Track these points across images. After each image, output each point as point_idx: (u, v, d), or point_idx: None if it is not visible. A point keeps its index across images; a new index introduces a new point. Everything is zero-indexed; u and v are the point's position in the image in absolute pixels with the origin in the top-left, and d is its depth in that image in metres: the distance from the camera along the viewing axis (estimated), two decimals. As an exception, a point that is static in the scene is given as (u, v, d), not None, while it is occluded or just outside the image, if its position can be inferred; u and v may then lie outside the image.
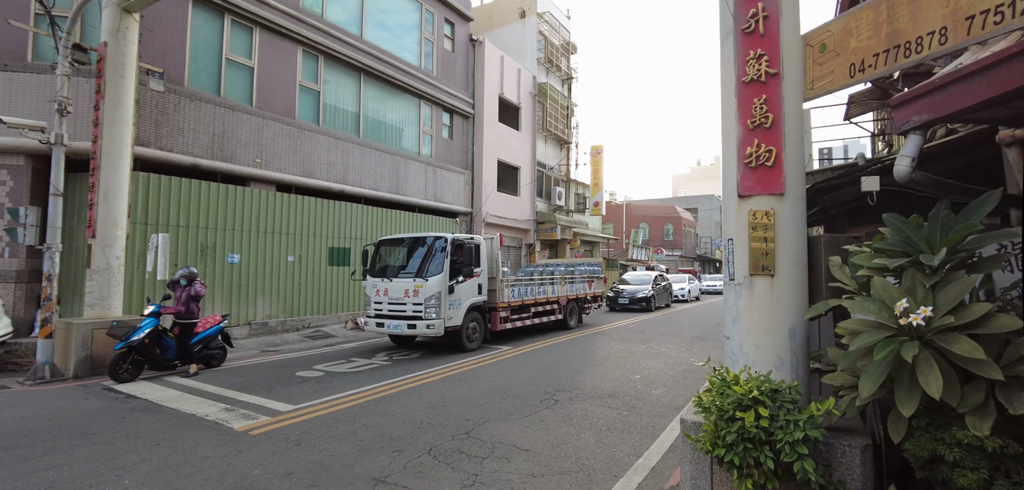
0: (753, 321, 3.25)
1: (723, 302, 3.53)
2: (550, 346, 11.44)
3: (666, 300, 24.23)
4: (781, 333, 3.18)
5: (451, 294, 10.00)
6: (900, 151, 2.90)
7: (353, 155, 15.50)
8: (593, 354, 10.53)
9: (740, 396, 2.72)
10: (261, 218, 12.86)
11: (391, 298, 10.18)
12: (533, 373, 8.59)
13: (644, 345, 11.79)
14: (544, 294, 13.03)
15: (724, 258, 3.47)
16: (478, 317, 10.77)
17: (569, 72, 27.66)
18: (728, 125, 3.46)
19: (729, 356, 3.42)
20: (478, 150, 20.58)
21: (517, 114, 23.27)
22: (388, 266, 10.88)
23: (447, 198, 19.18)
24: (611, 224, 41.25)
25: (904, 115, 2.84)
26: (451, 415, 6.19)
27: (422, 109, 18.42)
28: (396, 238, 11.33)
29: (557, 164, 26.55)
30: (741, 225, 3.32)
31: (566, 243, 26.31)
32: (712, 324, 16.63)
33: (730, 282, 3.41)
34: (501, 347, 11.08)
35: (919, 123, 2.77)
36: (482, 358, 9.87)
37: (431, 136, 18.85)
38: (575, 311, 14.73)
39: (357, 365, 9.21)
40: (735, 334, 3.35)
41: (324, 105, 14.91)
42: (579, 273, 15.35)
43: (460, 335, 10.30)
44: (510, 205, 22.32)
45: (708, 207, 69.91)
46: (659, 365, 9.47)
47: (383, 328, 10.25)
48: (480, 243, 10.95)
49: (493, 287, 11.28)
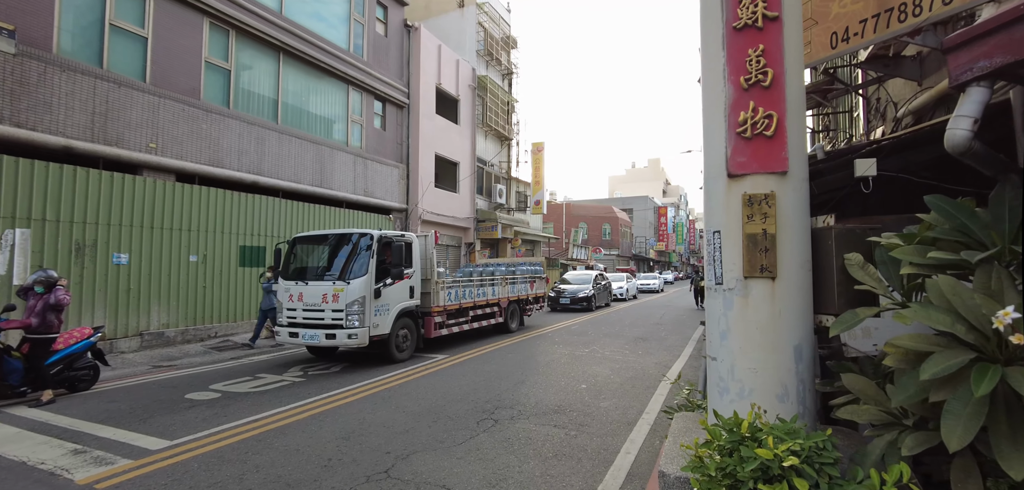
0: (749, 337, 2.51)
1: (707, 311, 2.77)
2: (490, 352, 10.55)
3: (606, 299, 24.04)
4: (785, 352, 2.45)
5: (378, 298, 8.87)
6: (956, 111, 2.25)
7: (270, 143, 13.90)
8: (535, 361, 9.74)
9: (766, 462, 1.91)
10: (157, 212, 11.11)
11: (307, 304, 8.91)
12: (470, 386, 7.66)
13: (588, 349, 11.15)
14: (484, 296, 12.13)
15: (707, 257, 2.71)
16: (410, 323, 9.69)
17: (510, 67, 26.93)
18: (712, 86, 2.70)
19: (714, 383, 2.65)
20: (414, 143, 19.36)
21: (456, 107, 22.22)
22: (305, 267, 9.58)
23: (379, 193, 17.84)
24: (551, 223, 41.02)
25: (964, 61, 2.17)
26: (369, 447, 5.15)
27: (351, 96, 16.99)
28: (314, 235, 10.02)
29: (498, 161, 25.73)
30: (732, 213, 2.57)
31: (507, 242, 25.56)
32: (651, 324, 16.38)
33: (716, 287, 2.65)
34: (436, 356, 10.06)
35: (987, 70, 2.10)
36: (413, 370, 8.82)
37: (361, 126, 17.45)
38: (516, 313, 13.94)
39: (264, 383, 7.89)
40: (724, 354, 2.60)
41: (236, 86, 13.23)
42: (521, 273, 14.58)
43: (388, 344, 9.19)
44: (449, 202, 21.25)
45: (643, 208, 71.83)
46: (605, 371, 8.82)
47: (297, 338, 8.95)
48: (412, 241, 9.87)
49: (427, 290, 10.24)
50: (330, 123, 16.30)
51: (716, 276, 2.63)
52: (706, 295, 2.76)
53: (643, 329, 14.95)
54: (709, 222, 2.71)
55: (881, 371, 2.75)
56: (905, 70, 5.01)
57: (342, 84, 16.63)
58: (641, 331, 14.42)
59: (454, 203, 21.70)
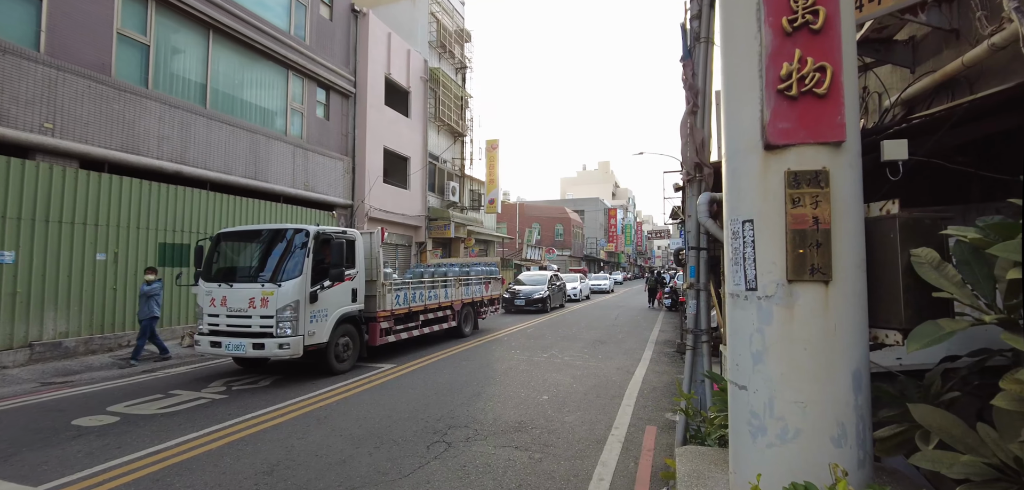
0: (795, 361, 1.90)
1: (730, 325, 2.13)
2: (442, 360, 9.73)
3: (561, 300, 23.65)
4: (841, 380, 1.87)
5: (314, 303, 7.88)
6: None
7: (197, 129, 12.47)
8: (492, 368, 9.02)
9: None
10: (54, 203, 9.58)
11: (231, 309, 7.80)
12: (420, 401, 6.84)
13: (546, 354, 10.54)
14: (435, 299, 11.28)
15: (731, 254, 2.08)
16: (352, 330, 8.73)
17: (463, 60, 26.08)
18: (739, 34, 2.08)
19: (744, 420, 2.03)
20: (361, 135, 18.19)
21: (407, 99, 21.16)
22: (230, 267, 8.44)
23: (322, 187, 16.58)
24: (505, 223, 40.43)
25: None
26: (296, 484, 4.26)
27: (292, 82, 15.67)
28: (241, 230, 8.87)
29: (451, 158, 24.83)
30: (770, 196, 1.95)
31: (461, 242, 24.70)
32: (607, 325, 16.03)
33: (745, 294, 2.03)
34: (382, 365, 9.14)
35: None
36: (355, 383, 7.89)
37: (302, 114, 16.15)
38: (471, 316, 13.16)
39: (176, 402, 6.76)
40: (759, 383, 1.97)
41: (156, 63, 11.75)
42: (475, 274, 13.82)
43: (327, 354, 8.20)
44: (398, 199, 20.17)
45: (594, 209, 72.64)
46: (566, 379, 8.21)
47: (220, 349, 7.82)
48: (355, 239, 8.91)
49: (372, 293, 9.29)
50: (267, 110, 14.94)
51: (746, 280, 2.01)
52: (729, 305, 2.14)
53: (600, 331, 14.53)
54: (735, 209, 2.09)
55: (932, 395, 2.21)
56: (897, 56, 4.67)
57: (281, 68, 15.30)
58: (598, 333, 13.98)
59: (404, 200, 20.64)
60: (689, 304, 4.36)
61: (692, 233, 4.34)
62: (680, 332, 12.15)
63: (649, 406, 6.74)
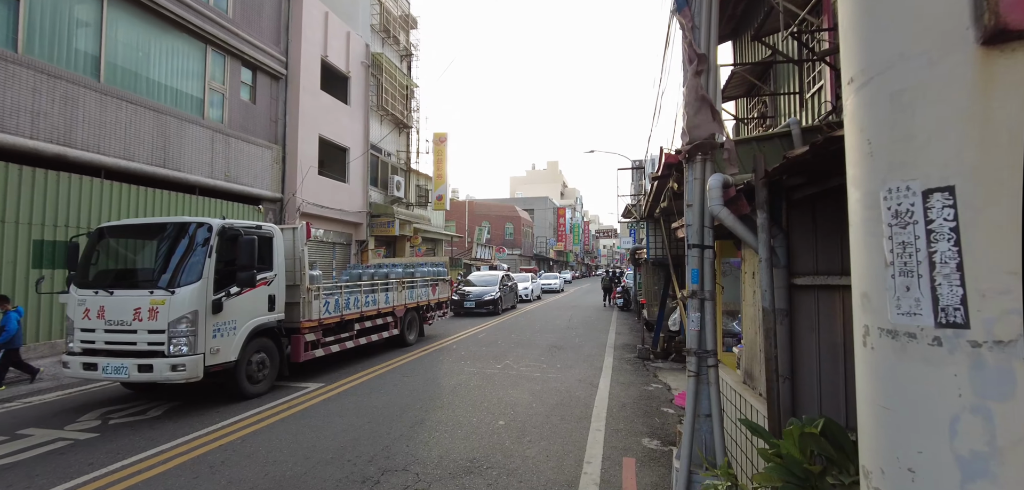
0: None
1: (883, 386, 1.11)
2: (381, 376, 8.46)
3: (513, 301, 22.73)
4: None
5: (218, 314, 6.44)
6: None
7: (86, 106, 10.53)
8: (439, 385, 7.85)
9: None
10: None
11: (111, 322, 6.24)
12: (349, 434, 5.59)
13: (500, 364, 9.48)
14: (374, 304, 9.95)
15: (894, 250, 1.06)
16: (269, 345, 7.32)
17: (409, 47, 24.59)
18: None
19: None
20: (293, 121, 16.45)
21: (346, 85, 19.51)
22: (112, 271, 6.83)
23: (246, 178, 14.77)
24: (454, 222, 39.11)
25: None
26: (150, 586, 2.97)
27: (211, 58, 13.79)
28: (126, 225, 7.24)
29: (395, 150, 23.29)
30: (998, 137, 0.93)
31: (406, 240, 23.24)
32: (562, 328, 15.19)
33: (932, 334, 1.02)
34: (307, 385, 7.77)
35: None
36: (271, 409, 6.52)
37: (223, 95, 14.29)
38: (416, 323, 11.90)
39: (26, 445, 5.19)
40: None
41: (29, 24, 9.76)
42: (421, 275, 12.55)
43: (236, 375, 6.77)
44: (336, 193, 18.51)
45: (543, 208, 72.50)
46: (525, 397, 7.18)
47: (96, 371, 6.24)
48: (273, 235, 7.49)
49: (296, 299, 7.89)
50: (180, 90, 13.02)
51: (937, 307, 1.02)
52: (880, 351, 1.12)
53: (556, 335, 13.64)
54: (894, 170, 1.09)
55: None
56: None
57: (198, 42, 13.41)
58: (554, 338, 13.08)
59: (343, 194, 19.00)
60: (690, 317, 3.41)
61: (693, 226, 3.40)
62: (641, 337, 11.42)
63: (622, 430, 5.81)
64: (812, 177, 3.04)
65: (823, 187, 3.07)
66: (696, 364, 3.37)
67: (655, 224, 10.32)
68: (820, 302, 3.13)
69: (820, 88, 6.41)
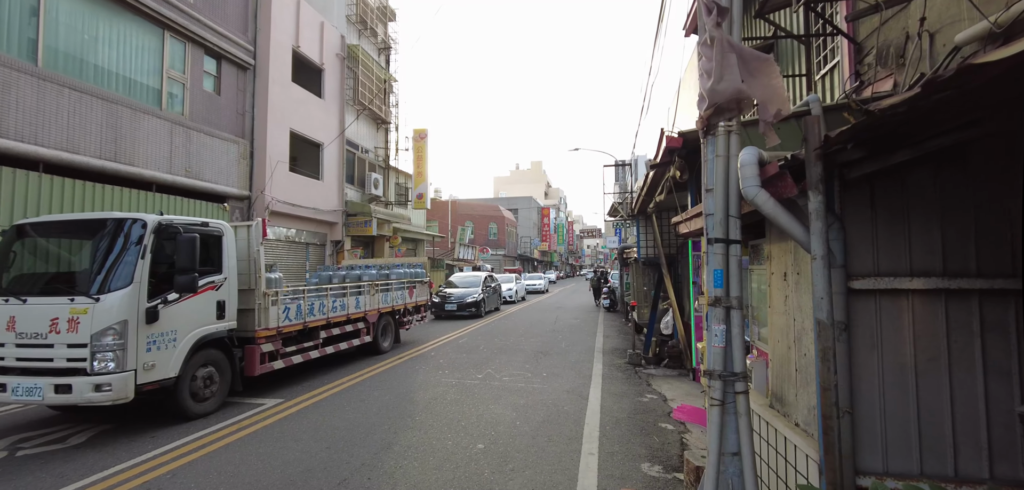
0: None
1: None
2: (347, 390, 7.65)
3: (496, 303, 22.02)
4: None
5: (153, 323, 5.57)
6: None
7: (22, 92, 9.51)
8: (412, 401, 7.07)
9: None
10: None
11: (22, 334, 5.34)
12: (302, 463, 4.79)
13: (481, 374, 8.73)
14: (343, 310, 9.11)
15: None
16: (219, 357, 6.46)
17: (387, 40, 23.69)
18: None
19: None
20: (261, 115, 15.48)
21: (320, 78, 18.57)
22: (27, 275, 5.91)
23: (210, 174, 13.78)
24: (436, 222, 38.21)
25: None
26: None
27: (169, 45, 12.79)
28: (46, 221, 6.27)
29: (373, 147, 22.37)
30: None
31: (385, 240, 22.32)
32: (548, 331, 14.50)
33: None
34: (263, 401, 6.93)
35: None
36: (218, 432, 5.68)
37: (185, 86, 13.28)
38: (391, 328, 11.08)
39: (-102, 489, 4.29)
40: None
41: (-46, 0, 8.73)
42: (396, 277, 11.73)
43: (177, 393, 5.91)
44: (309, 190, 17.55)
45: (527, 208, 71.95)
46: (507, 414, 6.44)
47: (5, 393, 5.33)
48: (223, 233, 6.62)
49: (250, 305, 7.03)
50: (134, 78, 12.00)
51: None
52: None
53: (541, 339, 12.93)
54: None
55: None
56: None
57: (155, 27, 12.40)
58: (539, 342, 12.37)
59: (316, 192, 18.04)
60: (712, 330, 2.71)
61: (716, 215, 2.70)
62: (631, 341, 10.77)
63: (617, 453, 5.11)
64: (873, 149, 2.35)
65: (885, 163, 2.39)
66: (721, 390, 2.66)
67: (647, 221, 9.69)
68: (882, 311, 2.45)
69: (834, 66, 5.79)
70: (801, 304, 2.85)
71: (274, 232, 16.19)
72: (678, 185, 5.15)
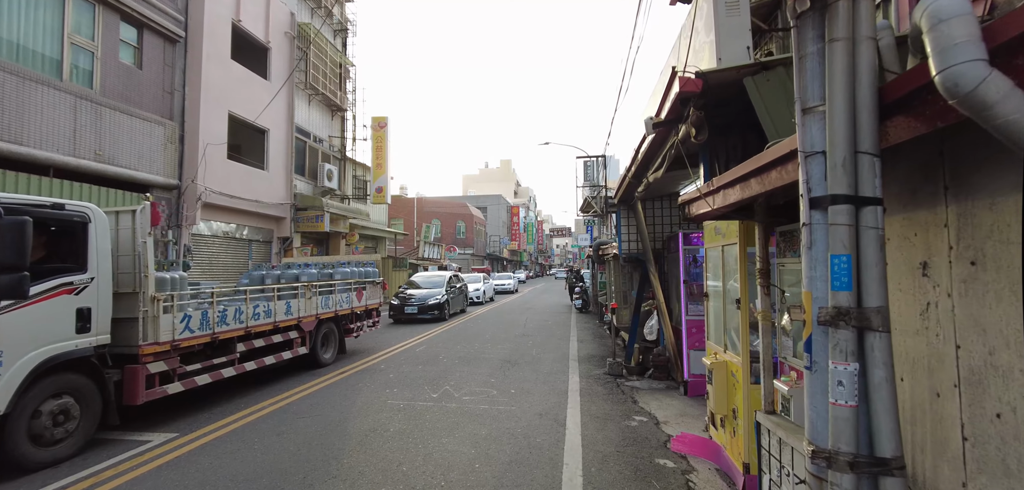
0: None
1: None
2: (267, 416, 6.12)
3: (462, 304, 20.59)
4: None
5: (-42, 343, 3.97)
6: None
7: None
8: (343, 434, 5.60)
9: None
10: None
11: None
12: (158, 547, 3.30)
13: (437, 392, 7.31)
14: (269, 316, 7.54)
15: None
16: (81, 383, 4.86)
17: (344, 21, 21.94)
18: None
19: None
20: (194, 93, 13.62)
21: (265, 57, 16.75)
22: None
23: (127, 159, 11.90)
24: (401, 219, 36.43)
25: None
26: None
27: (73, 5, 10.88)
28: None
29: (328, 136, 20.60)
30: None
31: (341, 237, 20.59)
32: (517, 335, 13.18)
33: None
34: (149, 437, 5.35)
35: None
36: (71, 485, 4.11)
37: (94, 55, 11.37)
38: (333, 337, 9.52)
39: None
40: None
41: None
42: (342, 277, 10.16)
43: (8, 438, 4.30)
44: (251, 181, 15.72)
45: (496, 206, 70.58)
46: (465, 451, 5.06)
47: None
48: (88, 218, 5.01)
49: (133, 312, 5.43)
50: (22, 43, 10.08)
51: None
52: None
53: (509, 345, 11.60)
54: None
55: None
56: None
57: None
58: (507, 349, 11.03)
59: (261, 183, 16.22)
60: (821, 370, 1.40)
61: (834, 152, 1.39)
62: (611, 349, 9.55)
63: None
64: None
65: None
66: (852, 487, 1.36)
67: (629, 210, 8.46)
68: None
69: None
70: (981, 319, 1.59)
71: (209, 227, 14.35)
72: (689, 152, 3.88)
